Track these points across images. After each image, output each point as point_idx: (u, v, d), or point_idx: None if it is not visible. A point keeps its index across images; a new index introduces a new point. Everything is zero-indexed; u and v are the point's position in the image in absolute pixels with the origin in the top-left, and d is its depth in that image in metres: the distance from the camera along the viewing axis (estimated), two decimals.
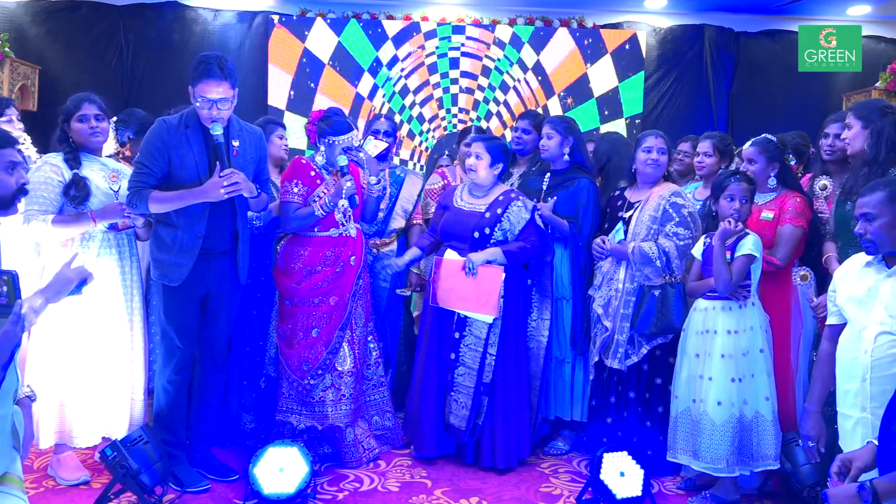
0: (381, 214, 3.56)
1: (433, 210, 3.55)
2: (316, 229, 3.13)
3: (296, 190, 3.11)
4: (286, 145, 3.58)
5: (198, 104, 2.71)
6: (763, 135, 3.13)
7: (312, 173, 3.15)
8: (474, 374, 3.12)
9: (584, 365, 3.32)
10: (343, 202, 3.08)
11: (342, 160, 3.08)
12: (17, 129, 3.34)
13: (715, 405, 2.74)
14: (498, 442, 3.12)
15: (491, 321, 3.07)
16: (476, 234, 3.12)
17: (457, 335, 3.15)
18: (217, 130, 2.69)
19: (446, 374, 3.16)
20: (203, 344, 2.96)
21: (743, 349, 2.76)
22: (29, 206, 2.80)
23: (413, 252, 3.34)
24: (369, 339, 3.32)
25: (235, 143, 2.80)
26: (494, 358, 3.11)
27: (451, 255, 3.13)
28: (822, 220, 3.05)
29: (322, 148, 3.16)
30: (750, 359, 2.77)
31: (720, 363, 2.76)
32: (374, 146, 3.48)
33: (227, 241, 2.88)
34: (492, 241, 3.12)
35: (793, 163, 3.26)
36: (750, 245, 2.77)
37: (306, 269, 3.13)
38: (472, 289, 3.04)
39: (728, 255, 2.78)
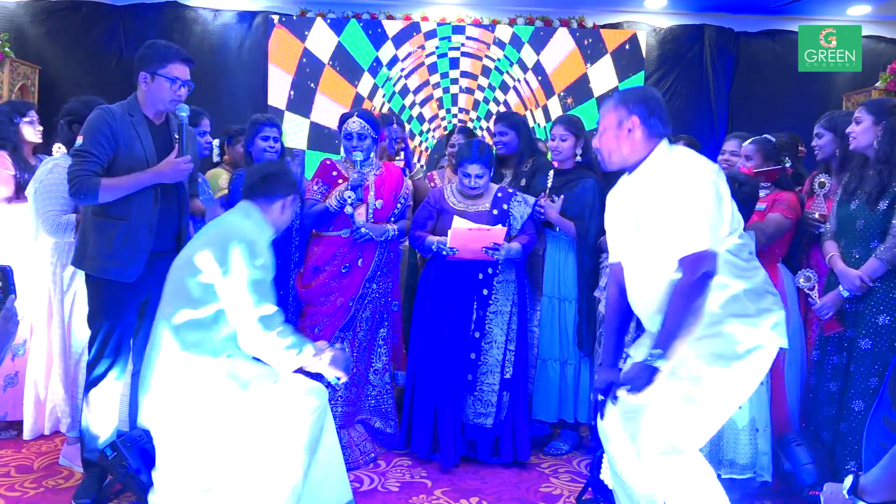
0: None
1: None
2: (331, 228, 3.19)
3: (315, 188, 3.23)
4: (272, 146, 3.36)
5: (168, 84, 2.61)
6: (764, 135, 3.19)
7: (334, 173, 3.26)
8: (497, 371, 3.14)
9: (589, 366, 3.32)
10: (349, 194, 3.09)
11: (357, 155, 3.14)
12: (37, 130, 3.44)
13: None
14: (518, 436, 3.17)
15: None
16: None
17: (477, 335, 3.16)
18: (184, 112, 2.65)
19: (465, 376, 3.16)
20: (139, 344, 2.82)
21: None
22: (50, 208, 2.93)
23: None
24: (379, 344, 3.31)
25: (177, 137, 2.74)
26: (514, 354, 3.16)
27: (458, 223, 3.09)
28: (810, 220, 3.06)
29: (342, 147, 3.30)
30: None
31: None
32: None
33: (170, 240, 2.75)
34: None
35: (788, 164, 3.28)
36: None
37: (314, 268, 3.21)
38: (479, 244, 3.06)
39: None
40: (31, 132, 3.40)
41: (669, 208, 1.95)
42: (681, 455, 2.01)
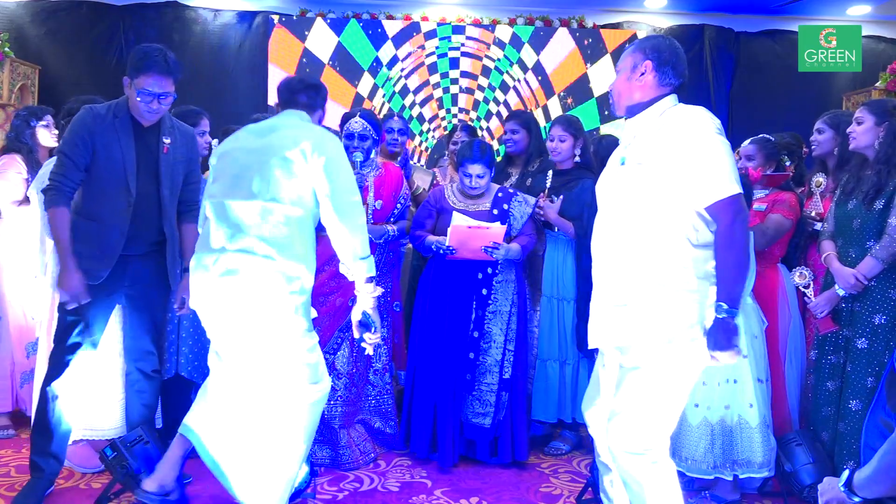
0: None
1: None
2: None
3: None
4: None
5: (138, 98, 2.55)
6: (762, 135, 3.20)
7: None
8: (496, 371, 3.15)
9: (588, 367, 3.32)
10: None
11: (357, 156, 3.14)
12: (52, 134, 3.48)
13: (692, 407, 2.75)
14: (517, 436, 3.16)
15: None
16: None
17: (476, 334, 3.16)
18: None
19: (464, 375, 3.16)
20: (126, 346, 2.81)
21: None
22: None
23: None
24: (378, 344, 3.30)
25: (167, 141, 2.69)
26: (513, 354, 3.16)
27: (458, 220, 3.10)
28: (808, 220, 3.07)
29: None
30: (732, 364, 2.73)
31: None
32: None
33: (149, 244, 2.72)
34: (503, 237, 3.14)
35: (787, 163, 3.29)
36: None
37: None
38: (478, 242, 3.07)
39: None
40: (47, 136, 3.46)
41: (688, 158, 1.94)
42: (650, 453, 2.01)
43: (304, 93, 2.51)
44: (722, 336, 1.92)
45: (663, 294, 1.97)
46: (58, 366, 2.62)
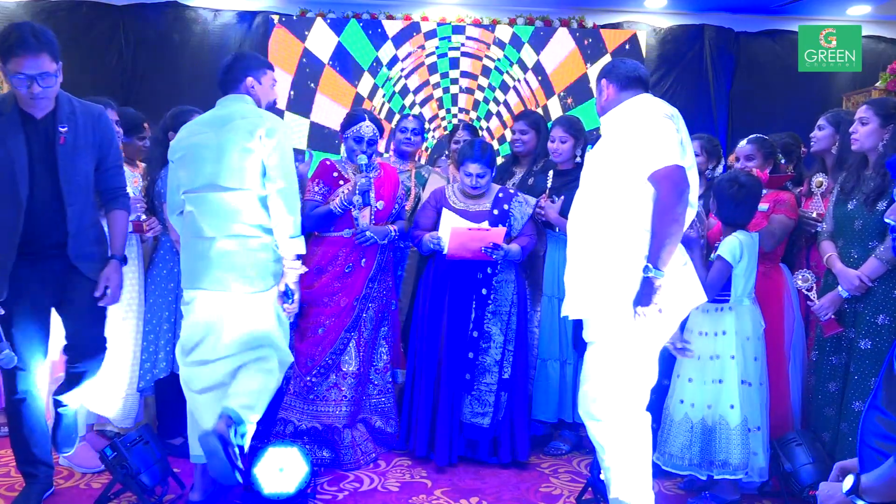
0: (407, 213, 3.53)
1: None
2: (332, 229, 3.18)
3: (317, 189, 3.21)
4: None
5: (14, 83, 2.26)
6: (756, 134, 3.21)
7: (335, 174, 3.26)
8: (495, 371, 3.14)
9: None
10: (356, 198, 3.09)
11: (362, 158, 3.13)
12: None
13: (678, 403, 2.78)
14: (517, 436, 3.17)
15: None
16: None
17: (475, 334, 3.16)
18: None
19: (463, 375, 3.16)
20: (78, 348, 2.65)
21: (712, 353, 2.74)
22: None
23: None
24: (381, 343, 3.32)
25: (63, 130, 2.41)
26: (513, 354, 3.15)
27: (453, 220, 3.10)
28: (807, 220, 3.06)
29: (343, 147, 3.32)
30: (719, 364, 2.73)
31: (687, 363, 2.77)
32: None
33: (59, 244, 2.48)
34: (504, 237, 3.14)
35: (783, 162, 3.29)
36: (725, 248, 2.72)
37: (317, 268, 3.19)
38: (478, 244, 3.07)
39: (715, 255, 2.78)
40: None
41: (636, 135, 2.24)
42: (609, 421, 2.29)
43: (229, 72, 2.62)
44: (645, 292, 2.21)
45: (615, 274, 2.25)
46: (8, 378, 2.55)
